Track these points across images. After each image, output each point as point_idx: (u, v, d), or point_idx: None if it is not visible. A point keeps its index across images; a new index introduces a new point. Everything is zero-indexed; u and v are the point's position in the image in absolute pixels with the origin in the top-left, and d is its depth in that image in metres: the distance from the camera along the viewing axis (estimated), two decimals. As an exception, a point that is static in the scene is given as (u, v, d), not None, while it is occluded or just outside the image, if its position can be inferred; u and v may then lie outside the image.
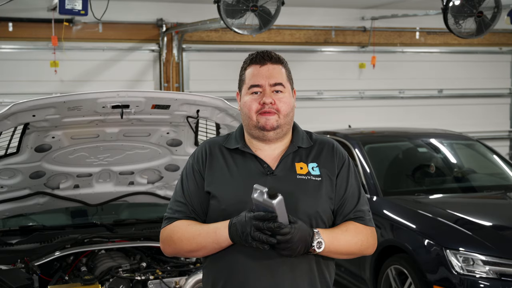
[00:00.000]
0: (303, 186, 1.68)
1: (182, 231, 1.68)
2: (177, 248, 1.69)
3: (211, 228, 1.64)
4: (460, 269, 3.21)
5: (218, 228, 1.62)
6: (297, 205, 1.65)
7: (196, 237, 1.65)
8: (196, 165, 1.74)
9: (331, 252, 1.66)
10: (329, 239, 1.63)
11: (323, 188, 1.70)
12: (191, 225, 1.68)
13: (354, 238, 1.69)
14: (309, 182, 1.69)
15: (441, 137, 4.84)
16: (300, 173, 1.70)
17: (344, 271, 4.19)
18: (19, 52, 5.97)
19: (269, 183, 1.64)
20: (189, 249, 1.67)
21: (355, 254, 1.73)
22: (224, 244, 1.62)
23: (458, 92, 7.49)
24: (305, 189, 1.68)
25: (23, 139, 2.74)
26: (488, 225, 3.57)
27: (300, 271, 1.66)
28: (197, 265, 2.89)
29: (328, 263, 1.74)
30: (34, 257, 2.74)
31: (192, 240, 1.65)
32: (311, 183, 1.69)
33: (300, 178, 1.69)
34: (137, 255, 2.96)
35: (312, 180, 1.69)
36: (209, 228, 1.65)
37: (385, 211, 3.88)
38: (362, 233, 1.71)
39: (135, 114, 2.71)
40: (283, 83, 1.71)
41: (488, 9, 4.72)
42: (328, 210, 1.71)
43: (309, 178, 1.69)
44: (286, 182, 1.68)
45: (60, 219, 3.35)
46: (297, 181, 1.69)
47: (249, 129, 1.73)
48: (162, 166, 3.16)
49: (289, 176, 1.69)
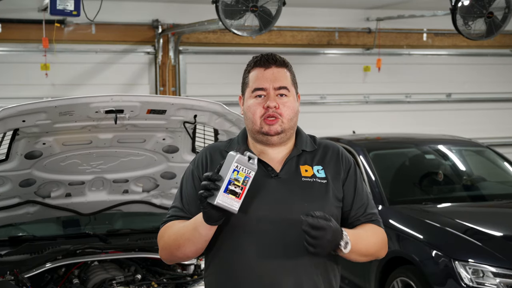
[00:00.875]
0: (308, 189, 1.68)
1: (171, 230, 1.70)
2: (168, 248, 1.70)
3: (192, 219, 1.65)
4: (469, 282, 3.17)
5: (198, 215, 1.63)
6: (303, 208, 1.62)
7: (180, 230, 1.66)
8: (196, 171, 1.74)
9: (354, 253, 1.64)
10: (354, 239, 1.63)
11: (330, 190, 1.70)
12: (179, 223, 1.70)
13: (373, 239, 1.72)
14: (315, 184, 1.69)
15: (450, 144, 4.81)
16: (305, 175, 1.70)
17: (348, 283, 4.14)
18: (8, 54, 5.91)
19: (273, 186, 1.67)
20: (177, 246, 1.67)
21: (372, 256, 1.74)
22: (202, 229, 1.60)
23: (467, 97, 7.41)
24: (311, 192, 1.68)
25: (12, 145, 2.70)
26: (498, 236, 3.53)
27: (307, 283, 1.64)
28: (194, 277, 2.85)
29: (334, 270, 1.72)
30: (24, 269, 2.71)
31: (177, 235, 1.66)
32: (317, 186, 1.69)
33: (306, 180, 1.69)
34: (131, 266, 2.92)
35: (317, 183, 1.69)
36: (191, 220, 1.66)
37: (391, 221, 3.83)
38: (377, 234, 1.74)
39: (130, 119, 2.66)
40: (288, 87, 1.71)
41: (499, 10, 4.68)
42: (335, 212, 1.70)
43: (315, 180, 1.70)
44: (291, 185, 1.68)
45: (51, 229, 3.32)
46: (303, 184, 1.69)
47: (252, 134, 1.73)
48: (158, 173, 3.12)
49: (294, 178, 1.70)
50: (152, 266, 2.92)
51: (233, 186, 1.52)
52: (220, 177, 1.53)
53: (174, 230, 1.68)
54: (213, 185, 1.52)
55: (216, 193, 1.51)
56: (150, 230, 3.23)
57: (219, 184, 1.52)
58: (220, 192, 1.51)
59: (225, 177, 1.51)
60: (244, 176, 1.53)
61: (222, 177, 1.52)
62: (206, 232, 1.61)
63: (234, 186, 1.52)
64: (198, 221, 1.61)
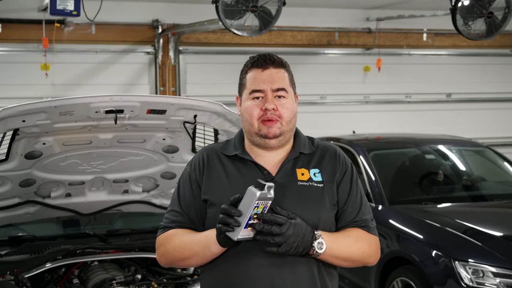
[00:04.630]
0: (304, 193, 1.65)
1: (175, 240, 1.67)
2: (171, 257, 1.68)
3: (202, 234, 1.64)
4: (469, 282, 3.15)
5: (209, 233, 1.61)
6: (298, 212, 1.60)
7: (188, 244, 1.64)
8: (193, 174, 1.72)
9: (333, 256, 1.62)
10: (331, 242, 1.60)
11: (326, 195, 1.67)
12: (184, 234, 1.67)
13: (357, 244, 1.66)
14: (311, 188, 1.66)
15: (450, 144, 4.79)
16: (301, 179, 1.67)
17: (348, 283, 4.12)
18: (8, 54, 5.90)
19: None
20: (182, 258, 1.66)
21: (358, 262, 1.69)
22: (214, 249, 1.59)
23: (467, 97, 7.39)
24: (306, 196, 1.65)
25: (12, 145, 2.69)
26: (498, 236, 3.51)
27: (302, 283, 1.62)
28: (194, 277, 2.84)
29: (331, 274, 1.69)
30: (24, 269, 2.70)
31: (184, 248, 1.64)
32: (313, 190, 1.66)
33: (302, 184, 1.66)
34: (131, 266, 2.91)
35: (314, 187, 1.66)
36: (200, 235, 1.64)
37: (391, 221, 3.82)
38: (365, 239, 1.68)
39: (130, 119, 2.66)
40: (286, 88, 1.68)
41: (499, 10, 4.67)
42: (331, 217, 1.68)
43: (311, 184, 1.66)
44: (286, 189, 1.65)
45: (51, 229, 3.31)
46: (299, 188, 1.66)
47: (250, 136, 1.70)
48: (158, 173, 3.11)
49: (290, 182, 1.66)
50: (152, 266, 2.91)
51: (252, 220, 1.50)
52: (240, 213, 1.49)
53: (181, 242, 1.65)
54: (234, 222, 1.50)
55: (237, 229, 1.50)
56: (150, 230, 3.21)
57: (239, 221, 1.49)
58: (240, 228, 1.49)
59: (246, 213, 1.48)
60: (263, 207, 1.51)
61: (243, 213, 1.49)
62: (219, 251, 1.60)
63: (253, 220, 1.50)
64: (211, 242, 1.58)
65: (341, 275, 3.89)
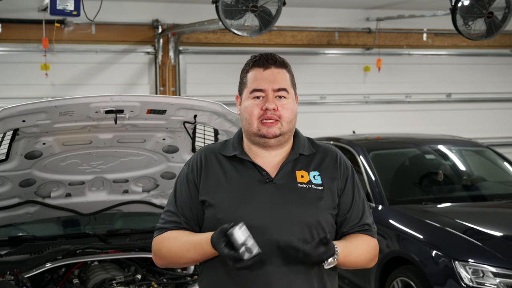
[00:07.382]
0: (303, 195, 1.65)
1: (171, 243, 1.67)
2: (167, 260, 1.70)
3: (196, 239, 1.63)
4: (469, 282, 3.15)
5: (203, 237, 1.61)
6: (297, 214, 1.61)
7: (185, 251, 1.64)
8: (191, 175, 1.71)
9: (341, 265, 1.65)
10: (346, 254, 1.62)
11: (325, 197, 1.66)
12: (179, 237, 1.66)
13: (365, 253, 1.70)
14: (310, 191, 1.65)
15: (450, 144, 4.79)
16: (301, 181, 1.66)
17: (348, 283, 4.12)
18: (8, 54, 5.90)
19: (268, 191, 1.63)
20: (178, 262, 1.69)
21: (359, 267, 1.73)
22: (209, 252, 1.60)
23: (467, 97, 7.39)
24: (305, 198, 1.64)
25: (12, 145, 2.69)
26: (499, 236, 3.51)
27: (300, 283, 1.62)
28: (194, 277, 2.84)
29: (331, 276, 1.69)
30: (24, 269, 2.69)
31: (181, 254, 1.65)
32: (312, 192, 1.65)
33: (301, 186, 1.66)
34: (131, 266, 2.91)
35: (313, 189, 1.66)
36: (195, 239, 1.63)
37: (391, 221, 3.82)
38: (370, 246, 1.72)
39: (130, 119, 2.65)
40: (287, 89, 1.67)
41: (499, 10, 4.67)
42: (330, 220, 1.67)
43: (310, 187, 1.66)
44: (286, 191, 1.64)
45: (51, 229, 3.31)
46: (298, 190, 1.65)
47: (249, 135, 1.69)
48: (157, 173, 3.11)
49: (289, 184, 1.66)
50: (152, 266, 2.90)
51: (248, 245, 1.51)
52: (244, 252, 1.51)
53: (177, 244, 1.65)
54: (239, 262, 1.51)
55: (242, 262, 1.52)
56: (150, 230, 3.18)
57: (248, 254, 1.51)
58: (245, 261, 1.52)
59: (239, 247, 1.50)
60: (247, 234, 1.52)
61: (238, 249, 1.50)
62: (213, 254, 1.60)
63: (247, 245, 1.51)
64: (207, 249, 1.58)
65: (341, 275, 3.89)
